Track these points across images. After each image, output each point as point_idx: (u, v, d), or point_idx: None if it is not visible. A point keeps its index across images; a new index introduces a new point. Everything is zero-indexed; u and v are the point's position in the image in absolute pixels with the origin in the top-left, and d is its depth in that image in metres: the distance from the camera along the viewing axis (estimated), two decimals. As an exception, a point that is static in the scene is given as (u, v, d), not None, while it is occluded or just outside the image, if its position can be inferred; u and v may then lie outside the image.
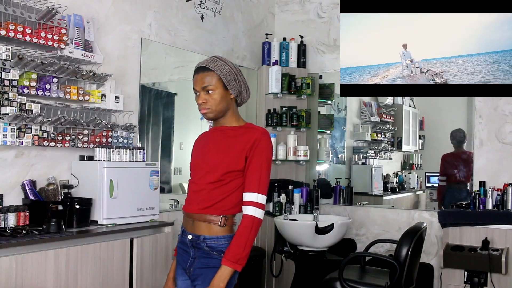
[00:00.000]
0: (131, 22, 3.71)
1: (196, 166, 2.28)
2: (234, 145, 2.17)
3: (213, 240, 2.15)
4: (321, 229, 4.09)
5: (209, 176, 2.18)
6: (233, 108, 2.26)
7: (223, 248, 2.14)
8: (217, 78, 2.17)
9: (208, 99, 2.18)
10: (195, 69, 2.23)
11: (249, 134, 2.18)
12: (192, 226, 2.21)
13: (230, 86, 2.19)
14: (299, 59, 4.96)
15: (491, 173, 4.20)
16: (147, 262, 3.11)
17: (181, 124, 4.43)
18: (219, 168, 2.16)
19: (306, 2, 5.13)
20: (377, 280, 3.50)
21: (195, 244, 2.18)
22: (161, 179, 3.60)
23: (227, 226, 2.17)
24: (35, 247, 2.57)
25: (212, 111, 2.19)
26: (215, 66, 2.17)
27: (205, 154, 2.25)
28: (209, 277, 2.12)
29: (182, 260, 2.24)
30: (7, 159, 2.92)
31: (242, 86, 2.24)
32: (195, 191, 2.23)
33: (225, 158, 2.16)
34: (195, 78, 2.21)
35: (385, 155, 5.76)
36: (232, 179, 2.16)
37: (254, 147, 2.14)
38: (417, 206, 5.54)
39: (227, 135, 2.22)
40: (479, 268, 3.78)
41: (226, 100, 2.20)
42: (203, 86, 2.17)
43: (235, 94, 2.22)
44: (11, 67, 2.81)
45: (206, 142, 2.29)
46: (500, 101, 4.23)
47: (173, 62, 4.34)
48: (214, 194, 2.16)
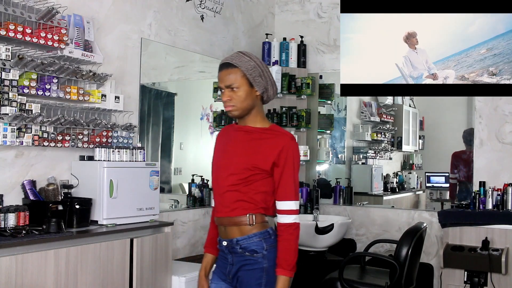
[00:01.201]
0: (131, 22, 3.71)
1: (219, 166, 2.22)
2: (261, 148, 2.12)
3: (245, 240, 2.12)
4: (321, 229, 4.09)
5: (233, 177, 2.13)
6: (259, 106, 2.19)
7: (255, 247, 2.11)
8: (241, 74, 2.10)
9: (233, 96, 2.11)
10: (220, 65, 2.16)
11: (277, 140, 2.12)
12: (225, 233, 2.18)
13: (256, 83, 2.12)
14: (299, 59, 4.96)
15: (491, 173, 4.20)
16: (147, 262, 3.11)
17: (181, 124, 4.43)
18: (245, 169, 2.11)
19: (306, 2, 5.13)
20: (377, 280, 3.50)
21: (230, 249, 2.15)
22: (161, 179, 3.60)
23: (256, 223, 2.12)
24: (35, 247, 2.57)
25: (237, 108, 2.13)
26: (240, 62, 2.10)
27: (228, 155, 2.19)
28: (245, 280, 2.11)
29: (223, 266, 2.22)
30: (7, 159, 2.92)
31: (269, 82, 2.17)
32: (220, 193, 2.18)
33: (251, 159, 2.11)
34: (220, 75, 2.14)
35: (385, 155, 5.76)
36: (258, 179, 2.11)
37: (285, 155, 2.09)
38: (417, 206, 5.55)
39: (252, 137, 2.16)
40: (479, 268, 3.78)
41: (251, 98, 2.13)
42: (227, 84, 2.11)
43: (260, 91, 2.14)
44: (11, 67, 2.81)
45: (228, 141, 2.23)
46: (500, 101, 4.23)
47: (173, 62, 4.34)
48: (239, 194, 2.12)
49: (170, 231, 3.33)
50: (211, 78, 4.60)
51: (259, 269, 2.11)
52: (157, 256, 3.19)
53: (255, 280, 2.11)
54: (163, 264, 3.23)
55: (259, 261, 2.11)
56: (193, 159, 4.59)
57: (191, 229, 4.16)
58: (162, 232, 3.30)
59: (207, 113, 4.63)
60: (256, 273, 2.11)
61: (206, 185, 4.33)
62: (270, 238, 2.14)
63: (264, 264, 2.11)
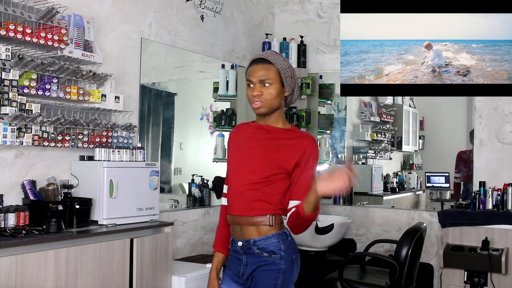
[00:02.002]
0: (131, 22, 3.71)
1: (238, 164, 2.18)
2: (283, 148, 2.10)
3: (263, 241, 2.09)
4: (321, 229, 4.09)
5: (253, 175, 2.10)
6: (283, 108, 2.18)
7: (273, 248, 2.08)
8: (276, 72, 2.09)
9: (264, 92, 2.08)
10: (253, 60, 2.14)
11: (300, 141, 2.10)
12: (240, 232, 2.14)
13: (287, 83, 2.11)
14: (299, 59, 4.96)
15: (491, 173, 4.20)
16: (147, 262, 3.11)
17: (181, 124, 4.43)
18: (266, 168, 2.08)
19: (306, 2, 5.13)
20: (377, 280, 3.50)
21: (246, 250, 2.12)
22: (161, 179, 3.60)
23: (276, 224, 2.10)
24: (35, 247, 2.56)
25: (266, 105, 2.10)
26: (276, 60, 2.09)
27: (248, 152, 2.16)
28: (260, 281, 2.08)
29: (235, 267, 2.18)
30: (7, 159, 2.92)
31: (296, 86, 2.16)
32: (238, 192, 2.14)
33: (273, 159, 2.09)
34: (252, 69, 2.11)
35: (385, 155, 5.76)
36: (279, 179, 2.09)
37: (307, 157, 2.08)
38: (417, 206, 5.55)
39: (273, 136, 2.14)
40: (479, 268, 3.78)
41: (280, 97, 2.12)
42: (261, 79, 2.08)
43: (289, 92, 2.13)
44: (11, 67, 2.80)
45: (247, 139, 2.19)
46: (500, 101, 4.23)
47: (173, 62, 4.34)
48: (258, 194, 2.09)
49: (170, 231, 3.33)
50: (211, 78, 4.60)
51: (276, 270, 2.09)
52: (157, 256, 3.18)
53: (272, 281, 2.09)
54: (163, 264, 3.23)
55: (276, 262, 2.09)
56: (193, 159, 4.60)
57: (191, 229, 4.16)
58: (162, 232, 3.30)
59: (207, 113, 4.63)
60: (272, 273, 2.09)
61: (206, 185, 4.33)
62: (287, 239, 2.13)
63: (281, 265, 2.09)
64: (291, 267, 2.10)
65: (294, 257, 2.14)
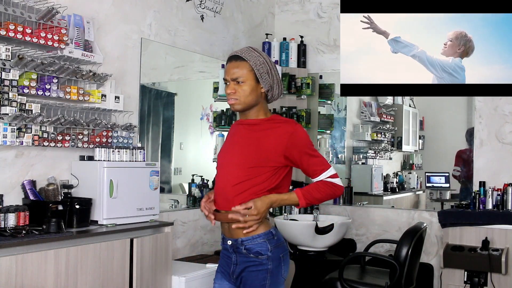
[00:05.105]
0: (131, 22, 3.71)
1: (221, 161, 2.20)
2: (263, 140, 2.09)
3: (249, 241, 2.09)
4: (321, 229, 4.09)
5: (234, 171, 2.11)
6: (262, 104, 2.16)
7: (259, 249, 2.09)
8: (249, 69, 2.08)
9: (238, 89, 2.09)
10: (228, 57, 2.14)
11: (279, 130, 2.09)
12: (229, 231, 2.15)
13: (262, 79, 2.10)
14: (299, 59, 4.96)
15: (491, 173, 4.20)
16: (147, 262, 3.11)
17: (181, 124, 4.43)
18: (248, 163, 2.08)
19: (306, 2, 5.13)
20: (377, 280, 3.50)
21: (235, 249, 2.13)
22: (161, 179, 3.60)
23: (261, 224, 2.10)
24: (35, 247, 2.56)
25: (240, 102, 2.10)
26: (249, 56, 2.08)
27: (231, 149, 2.18)
28: (249, 282, 2.09)
29: (226, 265, 2.19)
30: (7, 159, 2.92)
31: (275, 81, 2.14)
32: (222, 188, 2.16)
33: (252, 153, 2.08)
34: (227, 67, 2.12)
35: (385, 155, 5.76)
36: (263, 173, 2.08)
37: (293, 144, 2.07)
38: (417, 206, 5.55)
39: (254, 129, 2.14)
40: (479, 268, 3.78)
41: (256, 93, 2.11)
42: (233, 77, 2.09)
43: (266, 88, 2.12)
44: (11, 67, 2.80)
45: (232, 136, 2.22)
46: (500, 101, 4.23)
47: (173, 62, 4.34)
48: (240, 189, 2.08)
49: (170, 231, 3.33)
50: (211, 78, 4.60)
51: (264, 270, 2.10)
52: (157, 256, 3.19)
53: (259, 282, 2.10)
54: (163, 264, 3.23)
55: (263, 262, 2.10)
56: (193, 159, 4.60)
57: (191, 229, 4.16)
58: (162, 232, 3.30)
59: (207, 113, 4.63)
60: (260, 274, 2.10)
61: (206, 185, 4.33)
62: (273, 238, 2.13)
63: (268, 265, 2.10)
64: (278, 267, 2.11)
65: (281, 256, 2.14)
